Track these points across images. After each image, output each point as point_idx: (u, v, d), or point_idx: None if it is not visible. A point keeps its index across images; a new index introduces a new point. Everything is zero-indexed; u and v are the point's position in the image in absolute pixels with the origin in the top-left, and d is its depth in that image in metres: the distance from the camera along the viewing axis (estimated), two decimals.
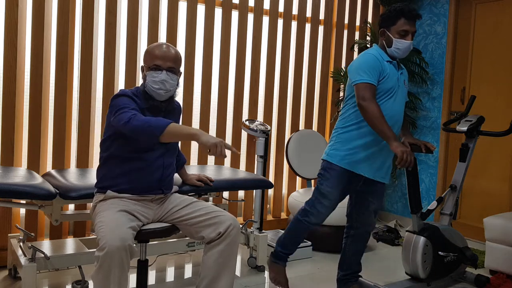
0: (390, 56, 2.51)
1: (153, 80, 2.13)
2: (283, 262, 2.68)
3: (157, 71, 2.13)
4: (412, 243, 2.75)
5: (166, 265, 3.16)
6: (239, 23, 3.87)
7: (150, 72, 2.14)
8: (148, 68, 2.16)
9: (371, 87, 2.36)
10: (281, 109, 4.16)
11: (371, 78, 2.37)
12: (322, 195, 2.52)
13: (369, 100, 2.32)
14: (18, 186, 2.22)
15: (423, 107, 4.42)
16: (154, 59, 2.14)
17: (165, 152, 2.22)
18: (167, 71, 2.14)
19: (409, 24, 2.44)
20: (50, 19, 3.12)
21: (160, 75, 2.13)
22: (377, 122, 2.30)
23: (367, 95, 2.33)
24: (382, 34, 2.52)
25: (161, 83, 2.13)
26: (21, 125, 3.08)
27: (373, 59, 2.43)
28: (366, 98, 2.33)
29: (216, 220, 2.12)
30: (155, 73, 2.13)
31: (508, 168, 3.84)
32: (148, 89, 2.16)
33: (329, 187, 2.50)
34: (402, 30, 2.44)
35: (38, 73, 3.06)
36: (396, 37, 2.45)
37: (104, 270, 1.79)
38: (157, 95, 2.16)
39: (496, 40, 3.94)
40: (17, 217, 3.12)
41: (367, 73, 2.38)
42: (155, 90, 2.14)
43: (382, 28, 2.51)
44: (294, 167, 4.04)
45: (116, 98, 2.10)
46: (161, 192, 2.22)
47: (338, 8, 4.44)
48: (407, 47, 2.46)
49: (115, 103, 2.08)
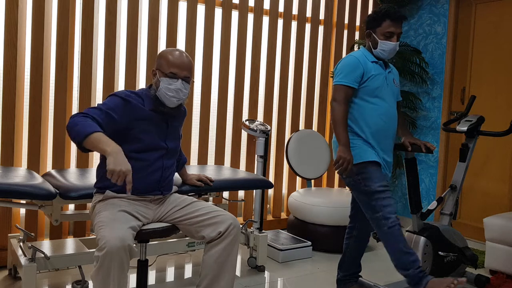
0: (376, 57, 2.53)
1: (168, 87, 2.13)
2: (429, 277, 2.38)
3: (173, 79, 2.14)
4: (412, 243, 2.75)
5: (166, 265, 3.16)
6: (239, 23, 3.87)
7: (166, 79, 2.14)
8: (163, 74, 2.15)
9: (345, 89, 2.43)
10: (281, 109, 4.16)
11: (348, 80, 2.43)
12: (379, 192, 2.41)
13: (339, 102, 2.42)
14: (18, 186, 2.21)
15: (423, 107, 4.42)
16: (171, 67, 2.14)
17: (165, 153, 2.22)
18: (183, 80, 2.16)
19: (394, 26, 2.46)
20: (50, 19, 3.12)
21: (176, 83, 2.14)
22: (338, 124, 2.41)
23: (338, 96, 2.43)
24: (368, 36, 2.55)
25: (175, 92, 2.14)
26: (21, 125, 3.08)
27: (354, 60, 2.47)
28: (336, 99, 2.44)
29: (217, 220, 2.12)
30: (171, 80, 2.14)
31: (508, 168, 3.84)
32: (161, 94, 2.16)
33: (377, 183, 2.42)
34: (387, 31, 2.46)
35: (38, 73, 3.06)
36: (381, 39, 2.48)
37: (104, 270, 1.79)
38: (169, 102, 2.17)
39: (496, 40, 3.94)
40: (17, 217, 3.12)
41: (345, 75, 2.44)
42: (168, 97, 2.15)
43: (368, 29, 2.54)
44: (294, 167, 4.04)
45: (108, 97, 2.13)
46: (160, 193, 2.22)
47: (338, 8, 4.44)
48: (392, 49, 2.49)
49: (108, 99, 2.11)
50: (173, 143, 2.26)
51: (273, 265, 3.25)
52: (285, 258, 3.34)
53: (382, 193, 2.40)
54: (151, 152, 2.16)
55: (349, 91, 2.44)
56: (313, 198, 3.67)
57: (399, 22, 2.48)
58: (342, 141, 2.38)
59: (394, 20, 2.46)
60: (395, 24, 2.46)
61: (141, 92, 2.20)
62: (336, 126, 2.41)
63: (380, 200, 2.40)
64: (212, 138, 3.85)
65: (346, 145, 2.38)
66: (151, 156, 2.17)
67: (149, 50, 3.46)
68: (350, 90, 2.44)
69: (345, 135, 2.39)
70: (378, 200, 2.40)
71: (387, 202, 2.40)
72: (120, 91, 2.15)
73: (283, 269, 3.19)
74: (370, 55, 2.53)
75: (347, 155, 2.36)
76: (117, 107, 2.08)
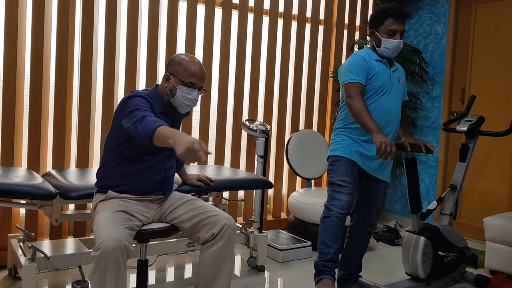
0: (380, 56, 2.53)
1: (186, 96, 2.15)
2: (327, 276, 2.43)
3: (191, 89, 2.15)
4: (412, 243, 2.75)
5: (166, 265, 3.16)
6: (239, 23, 3.87)
7: (184, 87, 2.14)
8: (181, 83, 2.15)
9: (357, 85, 2.42)
10: (281, 109, 4.16)
11: (357, 78, 2.43)
12: (336, 185, 2.46)
13: (354, 97, 2.40)
14: (18, 186, 2.21)
15: (423, 107, 4.42)
16: (191, 77, 2.15)
17: (168, 154, 2.23)
18: (199, 90, 2.18)
19: (397, 24, 2.46)
20: (50, 19, 3.12)
21: (193, 93, 2.16)
22: (360, 116, 2.35)
23: (352, 93, 2.41)
24: (371, 35, 2.55)
25: (192, 101, 2.17)
26: (21, 125, 3.08)
27: (359, 59, 2.47)
28: (351, 95, 2.41)
29: (211, 221, 2.11)
30: (189, 90, 2.15)
31: (508, 168, 3.84)
32: (176, 102, 2.16)
33: (340, 176, 2.47)
34: (390, 29, 2.46)
35: (38, 73, 3.06)
36: (384, 37, 2.48)
37: (100, 270, 1.79)
38: (183, 110, 2.19)
39: (496, 40, 3.94)
40: (17, 217, 3.12)
41: (353, 73, 2.44)
42: (184, 105, 2.16)
43: (371, 29, 2.54)
44: (294, 167, 4.04)
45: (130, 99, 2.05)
46: (162, 193, 2.23)
47: (338, 8, 4.44)
48: (396, 46, 2.48)
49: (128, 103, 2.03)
50: None
51: (273, 265, 3.25)
52: (285, 258, 3.34)
53: (338, 187, 2.44)
54: (155, 154, 2.16)
55: (361, 87, 2.43)
56: (313, 198, 3.67)
57: (402, 19, 2.47)
58: (374, 130, 2.30)
59: (397, 18, 2.45)
60: (397, 21, 2.46)
61: (150, 93, 2.18)
62: (361, 118, 2.35)
63: (334, 193, 2.45)
64: (212, 138, 3.85)
65: (379, 131, 2.30)
66: (156, 158, 2.17)
67: (149, 50, 3.46)
68: (362, 87, 2.43)
69: (373, 123, 2.31)
70: (332, 191, 2.47)
71: (338, 196, 2.43)
72: (138, 91, 2.12)
73: (283, 269, 3.19)
74: (374, 54, 2.53)
75: (386, 139, 2.25)
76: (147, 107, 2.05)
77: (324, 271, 2.43)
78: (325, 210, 2.48)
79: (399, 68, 2.64)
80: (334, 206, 2.43)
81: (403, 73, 2.67)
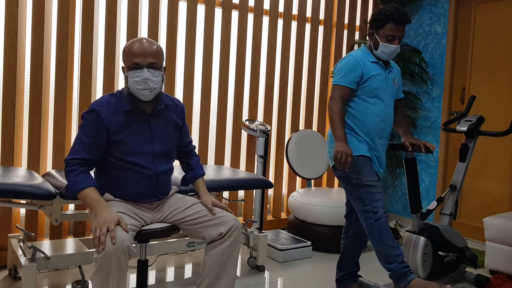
0: (377, 57, 2.52)
1: (135, 80, 1.98)
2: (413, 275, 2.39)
3: (138, 70, 1.98)
4: (412, 243, 2.75)
5: (166, 265, 3.16)
6: (239, 23, 3.87)
7: (131, 72, 1.99)
8: (128, 68, 2.01)
9: (342, 89, 2.46)
10: (281, 109, 4.16)
11: (345, 81, 2.45)
12: (368, 186, 2.42)
13: (335, 100, 2.45)
14: (18, 186, 2.22)
15: (423, 107, 4.42)
16: (132, 57, 1.99)
17: (154, 158, 2.12)
18: (148, 68, 1.99)
19: (397, 29, 2.44)
20: (50, 19, 3.12)
21: (141, 73, 1.97)
22: (332, 120, 2.43)
23: (335, 95, 2.47)
24: (370, 35, 2.54)
25: (143, 82, 1.98)
26: (21, 125, 3.08)
27: (353, 61, 2.48)
28: (333, 97, 2.46)
29: (219, 221, 2.11)
30: (136, 72, 1.98)
31: (508, 168, 3.84)
32: (132, 90, 2.02)
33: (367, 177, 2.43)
34: (390, 34, 2.45)
35: (38, 73, 3.06)
36: (383, 41, 2.47)
37: (103, 271, 1.79)
38: (142, 96, 2.01)
39: (496, 40, 3.94)
40: (17, 217, 3.12)
41: (343, 75, 2.46)
42: (139, 91, 1.99)
43: (371, 29, 2.53)
44: (294, 167, 4.04)
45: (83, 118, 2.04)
46: (157, 199, 2.18)
47: (338, 8, 4.44)
48: (393, 51, 2.48)
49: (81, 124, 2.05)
50: (161, 146, 2.14)
51: (273, 265, 3.25)
52: (285, 258, 3.34)
53: (372, 188, 2.42)
54: (138, 157, 2.08)
55: (346, 91, 2.46)
56: (313, 198, 3.67)
57: (403, 25, 2.46)
58: (338, 136, 2.39)
59: (397, 23, 2.43)
60: (398, 27, 2.44)
61: (119, 94, 2.09)
62: (332, 122, 2.44)
63: (370, 194, 2.42)
64: (212, 138, 3.85)
65: (343, 140, 2.38)
66: (141, 161, 2.07)
67: None
68: (347, 90, 2.46)
69: (341, 131, 2.40)
70: (367, 193, 2.42)
71: (376, 196, 2.42)
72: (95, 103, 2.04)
73: (283, 269, 3.19)
74: (371, 55, 2.53)
75: (345, 148, 2.35)
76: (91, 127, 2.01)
77: (408, 272, 2.39)
78: (370, 214, 2.41)
79: (394, 68, 2.63)
80: (378, 208, 2.40)
81: (398, 72, 2.67)
